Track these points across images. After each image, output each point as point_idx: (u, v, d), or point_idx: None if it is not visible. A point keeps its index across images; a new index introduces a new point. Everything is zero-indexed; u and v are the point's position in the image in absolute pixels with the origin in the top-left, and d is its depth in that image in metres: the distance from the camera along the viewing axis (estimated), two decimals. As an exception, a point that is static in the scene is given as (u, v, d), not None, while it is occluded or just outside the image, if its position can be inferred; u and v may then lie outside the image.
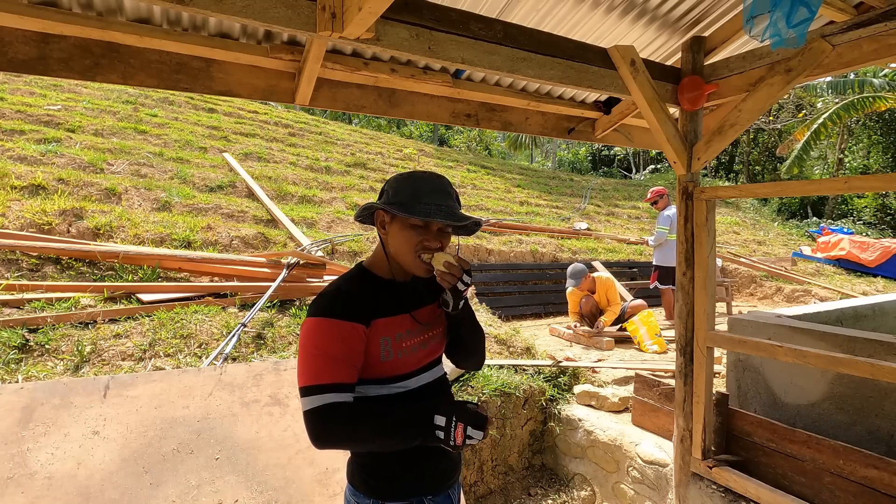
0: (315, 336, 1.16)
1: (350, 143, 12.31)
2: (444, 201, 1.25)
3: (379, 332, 1.22)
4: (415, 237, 1.23)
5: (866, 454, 1.98)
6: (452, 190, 1.31)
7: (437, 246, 1.26)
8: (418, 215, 1.19)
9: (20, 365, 2.83)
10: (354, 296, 1.23)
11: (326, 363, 1.14)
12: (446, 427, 1.13)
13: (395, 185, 1.27)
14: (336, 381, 1.14)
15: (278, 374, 2.73)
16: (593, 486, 3.48)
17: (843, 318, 3.17)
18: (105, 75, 1.93)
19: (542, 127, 3.07)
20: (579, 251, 8.48)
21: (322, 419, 1.11)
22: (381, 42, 1.76)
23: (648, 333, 5.01)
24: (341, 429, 1.13)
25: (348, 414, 1.13)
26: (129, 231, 4.70)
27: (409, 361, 1.28)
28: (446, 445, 1.13)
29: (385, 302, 1.26)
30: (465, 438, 1.12)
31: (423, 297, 1.38)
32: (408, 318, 1.30)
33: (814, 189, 2.24)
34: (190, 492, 2.16)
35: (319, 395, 1.12)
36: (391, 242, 1.28)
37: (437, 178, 1.29)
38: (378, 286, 1.29)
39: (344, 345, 1.16)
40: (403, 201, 1.22)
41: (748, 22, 1.81)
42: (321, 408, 1.11)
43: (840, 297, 8.07)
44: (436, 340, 1.38)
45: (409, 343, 1.28)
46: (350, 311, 1.18)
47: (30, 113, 7.50)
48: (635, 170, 24.56)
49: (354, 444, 1.20)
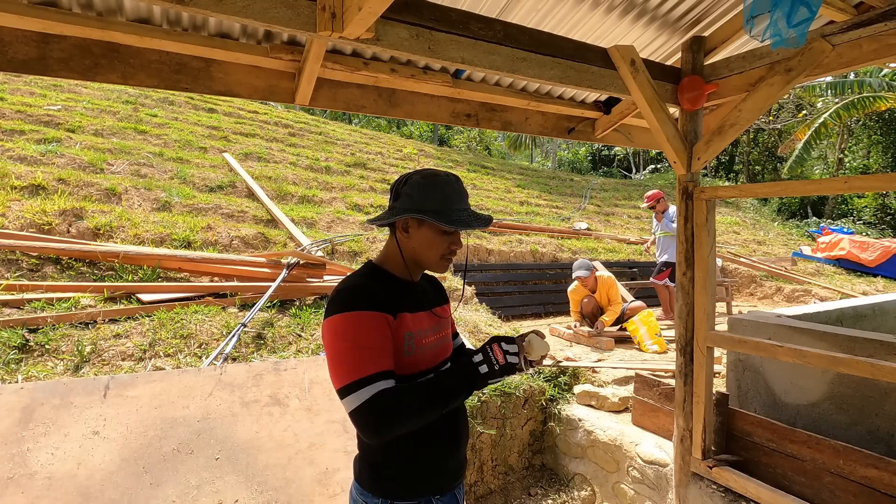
0: (346, 330, 1.13)
1: (350, 143, 12.31)
2: (468, 205, 1.30)
3: (404, 326, 1.22)
4: (444, 242, 1.27)
5: (866, 454, 1.98)
6: (465, 189, 1.34)
7: (460, 247, 1.31)
8: (458, 226, 1.22)
9: (20, 365, 2.83)
10: (376, 290, 1.21)
11: (364, 355, 1.12)
12: (484, 356, 1.20)
13: (421, 190, 1.26)
14: (379, 370, 1.12)
15: (278, 374, 2.73)
16: (593, 486, 3.48)
17: (843, 318, 3.17)
18: (105, 75, 1.93)
19: (542, 127, 3.07)
20: (579, 251, 8.47)
21: (377, 411, 1.08)
22: (381, 42, 1.76)
23: (648, 333, 5.01)
24: (399, 414, 1.10)
25: (399, 397, 1.11)
26: (129, 231, 4.70)
27: (427, 358, 1.29)
28: (493, 373, 1.18)
29: (405, 298, 1.27)
30: (505, 354, 1.20)
31: (432, 297, 1.40)
32: (427, 315, 1.32)
33: (814, 189, 2.24)
34: (190, 492, 2.16)
35: (367, 388, 1.09)
36: (413, 245, 1.28)
37: (458, 182, 1.31)
38: (396, 284, 1.29)
39: (377, 333, 1.15)
40: (437, 209, 1.23)
41: (748, 22, 1.81)
42: (373, 399, 1.08)
43: (840, 297, 8.07)
44: (447, 341, 1.41)
45: (428, 340, 1.30)
46: (376, 303, 1.17)
47: (30, 113, 7.50)
48: (635, 170, 24.55)
49: (413, 424, 1.15)
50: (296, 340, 3.65)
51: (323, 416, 2.58)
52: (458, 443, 1.35)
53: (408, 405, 1.11)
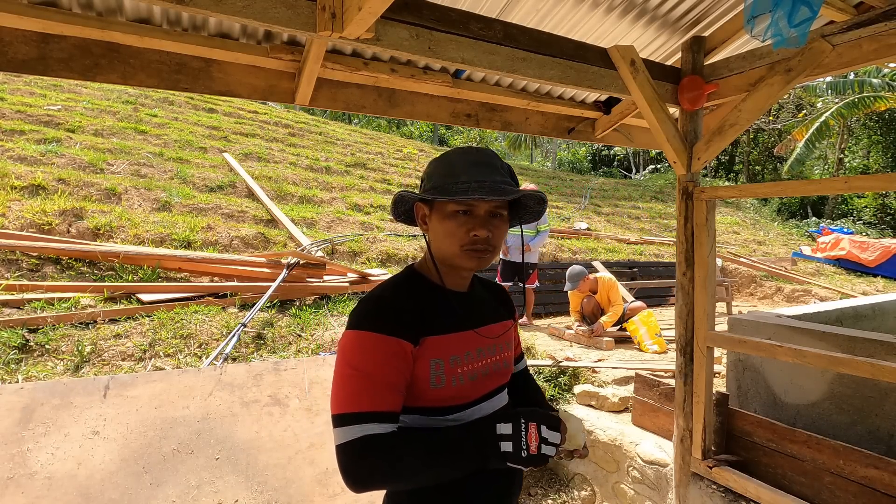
0: (353, 353, 0.96)
1: (350, 143, 12.31)
2: (489, 175, 1.00)
3: (429, 353, 0.99)
4: (457, 227, 0.99)
5: (866, 454, 1.98)
6: (501, 162, 1.05)
7: (487, 235, 1.00)
8: (451, 195, 0.96)
9: (20, 365, 2.83)
10: (401, 306, 1.00)
11: (365, 386, 0.93)
12: (514, 433, 0.92)
13: (430, 170, 1.06)
14: (377, 410, 0.93)
15: (278, 374, 2.73)
16: (593, 485, 3.48)
17: (843, 318, 3.17)
18: (105, 75, 1.92)
19: (542, 127, 3.07)
20: (579, 251, 8.47)
21: (357, 455, 0.90)
22: (381, 42, 1.76)
23: (648, 333, 5.01)
24: (382, 470, 0.90)
25: (390, 446, 0.91)
26: (129, 231, 4.70)
27: (466, 389, 1.04)
28: (516, 460, 0.91)
29: (438, 316, 1.03)
30: (541, 443, 0.91)
31: (486, 313, 1.14)
32: (468, 336, 1.06)
33: (814, 189, 2.24)
34: (190, 492, 2.16)
35: (356, 426, 0.91)
36: (434, 238, 1.05)
37: (479, 151, 1.06)
38: (430, 295, 1.05)
39: (388, 365, 0.94)
40: (438, 184, 1.00)
41: (749, 22, 1.81)
42: (356, 441, 0.90)
43: (840, 297, 8.07)
44: (502, 367, 1.13)
45: (468, 368, 1.04)
46: (395, 325, 0.96)
47: (30, 113, 7.50)
48: (635, 170, 24.55)
49: (399, 481, 0.93)
50: (296, 340, 3.65)
51: (323, 416, 2.58)
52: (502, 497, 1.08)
53: (397, 462, 0.91)
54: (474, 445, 0.93)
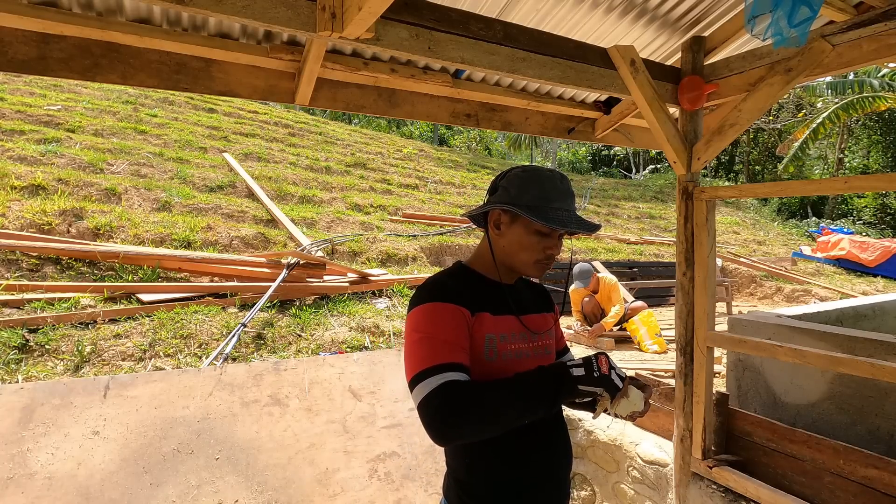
0: (420, 321, 1.07)
1: (350, 143, 12.31)
2: (571, 205, 1.17)
3: (484, 328, 1.12)
4: (539, 244, 1.15)
5: (866, 454, 1.98)
6: (572, 189, 1.21)
7: (558, 253, 1.18)
8: (553, 224, 1.09)
9: (20, 365, 2.83)
10: (457, 286, 1.13)
11: (436, 344, 1.03)
12: (585, 362, 1.04)
13: (519, 184, 1.16)
14: (452, 361, 1.01)
15: (278, 374, 2.73)
16: (593, 485, 3.48)
17: (843, 318, 3.17)
18: (105, 75, 1.92)
19: (542, 127, 3.07)
20: (579, 251, 8.47)
21: (440, 400, 0.96)
22: (381, 42, 1.76)
23: (648, 333, 5.01)
24: (468, 409, 0.96)
25: (471, 390, 0.99)
26: (129, 231, 4.70)
27: (513, 367, 1.13)
28: (588, 380, 1.01)
29: (490, 299, 1.17)
30: (611, 368, 1.03)
31: (527, 304, 1.27)
32: (514, 320, 1.19)
33: (814, 189, 2.24)
34: (190, 492, 2.16)
35: (435, 377, 0.99)
36: (505, 244, 1.18)
37: (562, 179, 1.19)
38: (482, 284, 1.19)
39: (453, 326, 1.06)
40: (532, 204, 1.12)
41: (749, 21, 1.81)
42: (438, 389, 0.97)
43: (840, 297, 8.07)
44: (545, 353, 1.25)
45: (515, 347, 1.16)
46: (454, 297, 1.09)
47: (30, 113, 7.51)
48: (635, 170, 24.55)
49: (483, 422, 0.99)
50: (296, 340, 3.65)
51: (323, 416, 2.58)
52: (553, 468, 1.18)
53: (480, 400, 0.98)
54: (551, 374, 1.03)
